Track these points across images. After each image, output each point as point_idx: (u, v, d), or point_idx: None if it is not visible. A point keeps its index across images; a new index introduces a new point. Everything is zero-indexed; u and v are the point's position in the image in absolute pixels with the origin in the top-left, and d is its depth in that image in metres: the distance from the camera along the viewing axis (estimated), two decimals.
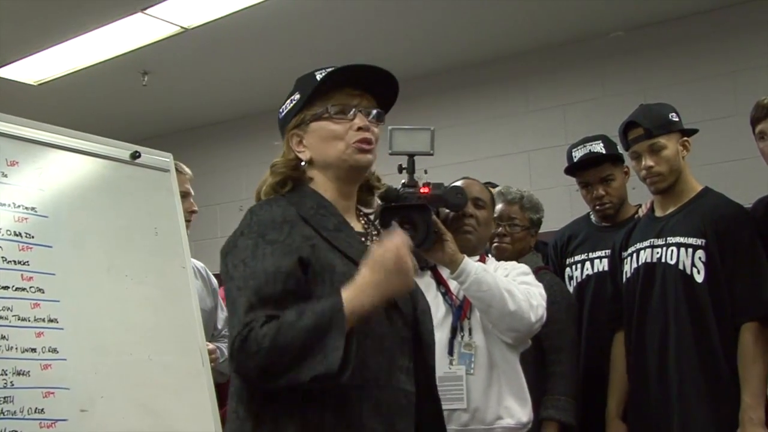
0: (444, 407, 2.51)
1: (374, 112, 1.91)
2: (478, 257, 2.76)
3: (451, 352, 2.62)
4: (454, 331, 2.65)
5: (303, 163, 1.91)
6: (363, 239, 1.90)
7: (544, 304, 2.63)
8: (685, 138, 2.95)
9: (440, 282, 2.74)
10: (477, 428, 2.58)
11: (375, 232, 1.96)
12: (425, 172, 2.67)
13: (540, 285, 2.72)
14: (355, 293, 1.64)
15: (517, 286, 2.59)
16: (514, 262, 2.86)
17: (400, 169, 2.64)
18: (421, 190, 2.61)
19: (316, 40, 5.14)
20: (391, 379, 1.75)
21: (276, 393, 1.68)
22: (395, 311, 1.79)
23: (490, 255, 3.01)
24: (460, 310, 2.66)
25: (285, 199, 1.85)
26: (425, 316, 1.91)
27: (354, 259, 1.74)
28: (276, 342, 1.60)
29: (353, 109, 1.88)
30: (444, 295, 2.71)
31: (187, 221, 3.08)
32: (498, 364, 2.62)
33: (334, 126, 1.87)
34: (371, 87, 1.92)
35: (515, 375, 2.65)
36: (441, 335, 2.60)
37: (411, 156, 2.64)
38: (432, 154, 2.60)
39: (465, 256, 2.58)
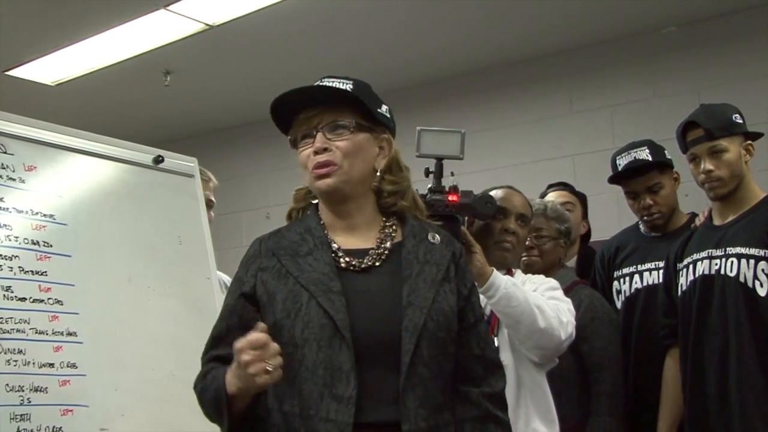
0: None
1: (338, 124, 1.92)
2: (505, 270, 2.73)
3: None
4: None
5: None
6: (347, 259, 1.90)
7: (573, 321, 2.59)
8: (749, 141, 2.91)
9: None
10: None
11: (388, 247, 1.94)
12: (452, 174, 2.65)
13: (568, 301, 2.68)
14: (229, 379, 1.78)
15: (547, 302, 2.55)
16: (542, 276, 2.82)
17: (427, 173, 2.63)
18: (449, 198, 2.59)
19: (348, 37, 5.15)
20: (319, 409, 1.76)
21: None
22: (341, 339, 1.78)
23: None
24: (488, 326, 2.59)
25: (273, 232, 2.00)
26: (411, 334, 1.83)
27: (304, 283, 1.85)
28: (201, 400, 1.88)
29: (313, 131, 1.93)
30: None
31: None
32: (525, 384, 2.58)
33: (300, 154, 1.96)
34: (336, 99, 1.94)
35: (542, 395, 2.61)
36: None
37: (439, 159, 2.63)
38: (462, 158, 2.58)
39: (494, 269, 2.56)
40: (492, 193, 2.80)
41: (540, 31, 5.17)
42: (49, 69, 5.53)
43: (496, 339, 2.60)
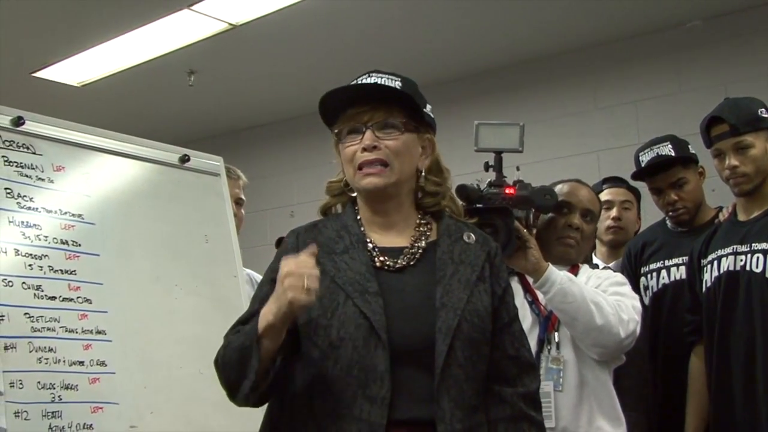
0: None
1: (388, 122, 1.91)
2: (570, 266, 2.71)
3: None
4: (541, 344, 2.58)
5: None
6: (381, 259, 1.90)
7: (637, 318, 2.56)
8: None
9: (527, 290, 2.67)
10: None
11: (422, 246, 1.94)
12: (517, 169, 2.64)
13: (636, 297, 2.66)
14: (264, 310, 1.78)
15: (606, 298, 2.52)
16: (609, 271, 2.80)
17: (487, 167, 2.62)
18: (506, 191, 2.58)
19: (370, 35, 5.17)
20: (352, 409, 1.76)
21: (275, 417, 1.88)
22: (377, 340, 1.78)
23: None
24: (548, 321, 2.60)
25: (309, 226, 1.99)
26: (445, 335, 1.83)
27: (340, 282, 1.84)
28: (223, 363, 1.85)
29: (362, 127, 1.91)
30: (531, 304, 2.65)
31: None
32: (589, 382, 2.56)
33: (345, 149, 1.94)
34: (387, 97, 1.93)
35: (607, 393, 2.59)
36: None
37: (498, 153, 2.62)
38: (521, 151, 2.58)
39: (549, 264, 2.53)
40: (558, 187, 2.79)
41: (564, 27, 5.17)
42: (74, 70, 5.60)
43: (557, 335, 2.58)
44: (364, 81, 1.98)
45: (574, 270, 2.72)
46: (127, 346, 2.50)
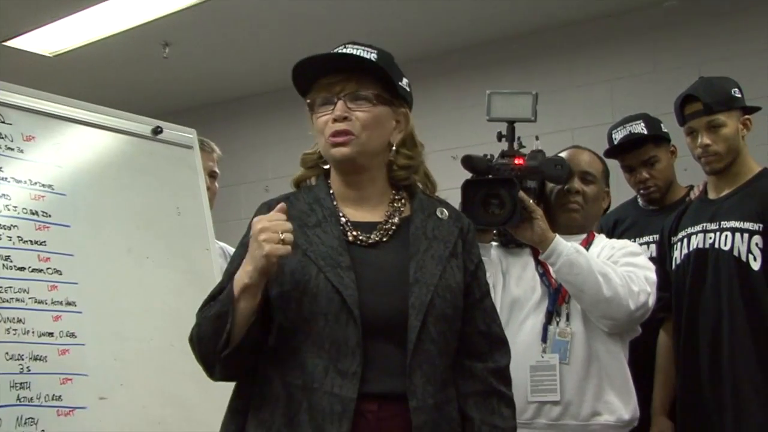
0: (534, 399, 2.49)
1: (360, 94, 1.90)
2: (585, 235, 2.72)
3: (544, 339, 2.56)
4: (549, 317, 2.59)
5: None
6: (354, 233, 1.90)
7: (649, 289, 2.55)
8: (747, 116, 2.92)
9: (538, 262, 2.66)
10: (570, 424, 2.52)
11: (396, 222, 1.94)
12: (536, 138, 2.63)
13: (651, 267, 2.64)
14: (237, 274, 1.78)
15: (617, 270, 2.52)
16: (625, 241, 2.80)
17: (500, 137, 2.61)
18: (515, 161, 2.57)
19: (349, 7, 5.13)
20: (323, 383, 1.77)
21: (244, 390, 1.87)
22: (348, 315, 1.79)
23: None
24: (558, 294, 2.60)
25: (282, 198, 1.96)
26: (417, 311, 1.83)
27: (312, 256, 1.83)
28: (198, 338, 1.83)
29: (334, 98, 1.90)
30: (542, 276, 2.65)
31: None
32: (598, 355, 2.55)
33: (317, 120, 1.93)
34: (360, 68, 1.92)
35: (618, 367, 2.58)
36: (535, 321, 2.58)
37: (511, 123, 2.60)
38: (534, 121, 2.57)
39: (556, 235, 2.53)
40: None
41: (541, 5, 5.15)
42: (47, 40, 5.51)
43: (567, 307, 2.58)
44: (339, 51, 1.96)
45: (589, 239, 2.73)
46: (97, 318, 2.49)
